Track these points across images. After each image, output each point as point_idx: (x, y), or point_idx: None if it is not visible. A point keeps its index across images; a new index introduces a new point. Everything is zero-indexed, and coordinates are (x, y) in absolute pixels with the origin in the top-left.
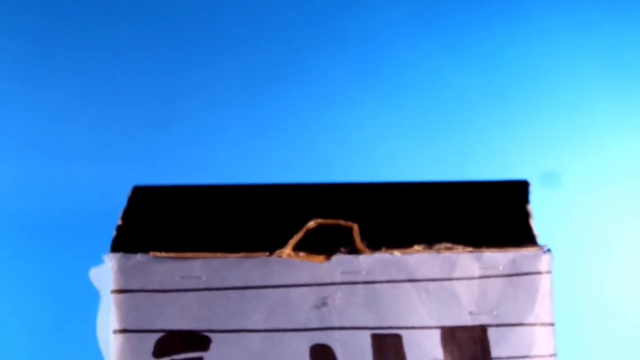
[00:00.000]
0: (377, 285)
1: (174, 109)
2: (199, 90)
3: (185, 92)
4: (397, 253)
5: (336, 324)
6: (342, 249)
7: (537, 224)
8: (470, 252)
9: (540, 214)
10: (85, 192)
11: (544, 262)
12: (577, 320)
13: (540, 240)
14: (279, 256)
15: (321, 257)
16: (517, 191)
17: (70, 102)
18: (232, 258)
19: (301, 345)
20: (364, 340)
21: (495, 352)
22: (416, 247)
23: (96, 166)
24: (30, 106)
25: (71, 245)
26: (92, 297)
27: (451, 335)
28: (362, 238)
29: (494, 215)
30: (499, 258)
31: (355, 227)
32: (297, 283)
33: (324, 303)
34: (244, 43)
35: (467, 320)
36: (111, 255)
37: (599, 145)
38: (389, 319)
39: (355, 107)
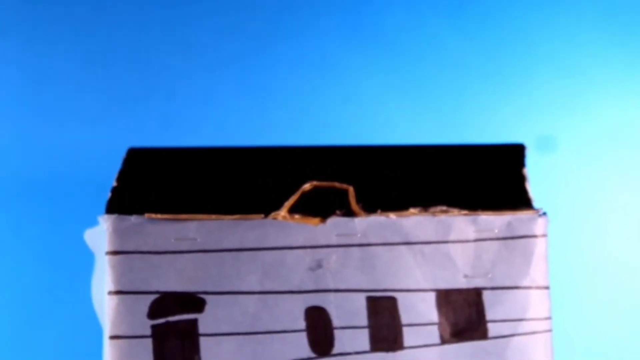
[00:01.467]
0: (372, 248)
1: (168, 70)
2: (194, 51)
3: (180, 53)
4: (392, 216)
5: (331, 286)
6: (338, 212)
7: (533, 189)
8: (465, 215)
9: (536, 178)
10: (81, 154)
11: (539, 226)
12: (573, 284)
13: (535, 204)
14: (274, 218)
15: (316, 220)
16: (513, 154)
17: (65, 63)
18: (227, 220)
19: (296, 307)
20: (359, 302)
21: (490, 315)
22: (412, 210)
23: (91, 128)
24: (23, 68)
25: (66, 207)
26: (87, 258)
27: (446, 298)
28: (358, 200)
29: (489, 178)
30: (495, 221)
31: (351, 189)
32: (292, 245)
33: (319, 265)
34: (238, 3)
35: (462, 283)
36: (106, 216)
37: (595, 109)
38: (384, 282)
39: (352, 70)
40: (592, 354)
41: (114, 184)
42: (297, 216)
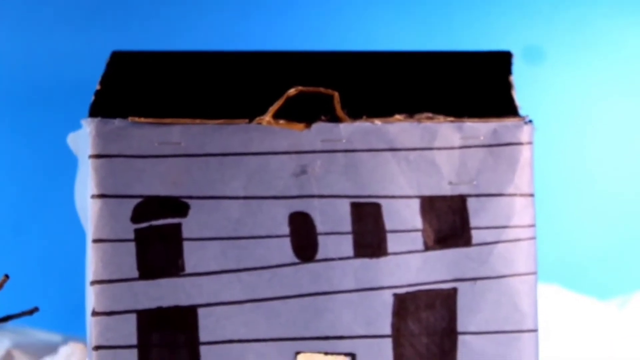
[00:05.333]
0: (357, 154)
1: None
2: None
3: None
4: (377, 122)
5: (315, 191)
6: (323, 117)
7: (519, 98)
8: (451, 122)
9: (523, 88)
10: (64, 58)
11: (525, 133)
12: (557, 192)
13: (522, 112)
14: (259, 123)
15: (301, 125)
16: (500, 62)
17: None
18: (212, 124)
19: (280, 213)
20: (343, 208)
21: (474, 222)
22: (397, 116)
23: (75, 32)
24: None
25: (49, 111)
26: (71, 162)
27: (430, 205)
28: (343, 106)
29: (475, 85)
30: (480, 128)
31: (336, 95)
32: (277, 150)
33: (303, 171)
34: None
35: (446, 190)
36: (89, 120)
37: (583, 22)
38: (369, 188)
39: None
40: (575, 260)
41: (98, 87)
42: (281, 121)
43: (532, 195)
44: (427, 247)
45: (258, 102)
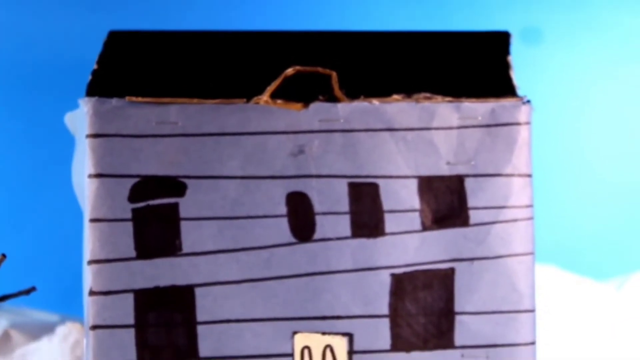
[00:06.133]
0: (354, 134)
1: None
2: None
3: None
4: (375, 102)
5: (313, 171)
6: (320, 97)
7: (518, 80)
8: (449, 102)
9: (521, 69)
10: (62, 37)
11: (523, 113)
12: (555, 173)
13: (519, 92)
14: (257, 103)
15: (299, 105)
16: (498, 42)
17: None
18: (209, 104)
19: (277, 193)
20: (341, 188)
21: (471, 202)
22: (395, 96)
23: (73, 11)
24: None
25: (47, 90)
26: (68, 142)
27: (428, 185)
28: (341, 86)
29: (474, 66)
30: (478, 108)
31: (334, 74)
32: (274, 130)
33: (301, 151)
34: None
35: (444, 170)
36: (86, 99)
37: (580, 2)
38: (366, 168)
39: None
40: (572, 241)
41: (95, 67)
42: (279, 101)
43: (529, 175)
44: (424, 227)
45: (255, 81)
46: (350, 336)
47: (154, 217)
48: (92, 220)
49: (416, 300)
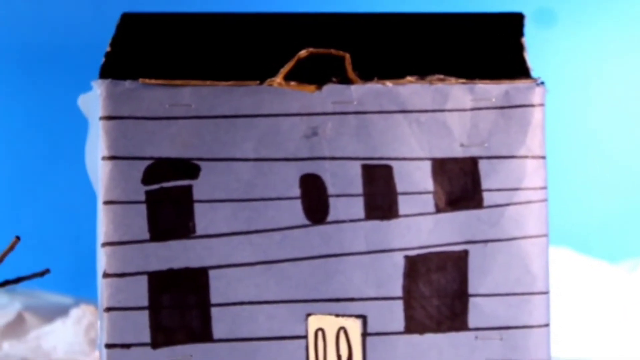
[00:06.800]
0: (368, 116)
1: None
2: None
3: None
4: (389, 84)
5: (326, 153)
6: (334, 79)
7: (531, 62)
8: (462, 83)
9: (535, 51)
10: (75, 19)
11: (536, 95)
12: (568, 155)
13: (533, 74)
14: (270, 85)
15: (312, 87)
16: (512, 24)
17: None
18: (222, 86)
19: (291, 175)
20: (354, 170)
21: (485, 184)
22: (409, 78)
23: None
24: None
25: (60, 72)
26: (81, 124)
27: (441, 167)
28: (354, 68)
29: (487, 47)
30: (492, 90)
31: (348, 56)
32: (288, 112)
33: (314, 133)
34: None
35: (458, 152)
36: (100, 81)
37: None
38: (380, 150)
39: None
40: (586, 223)
41: (108, 49)
42: (292, 83)
43: (543, 157)
44: (438, 209)
45: (269, 63)
46: (363, 318)
47: (168, 199)
48: (106, 203)
49: (430, 283)
